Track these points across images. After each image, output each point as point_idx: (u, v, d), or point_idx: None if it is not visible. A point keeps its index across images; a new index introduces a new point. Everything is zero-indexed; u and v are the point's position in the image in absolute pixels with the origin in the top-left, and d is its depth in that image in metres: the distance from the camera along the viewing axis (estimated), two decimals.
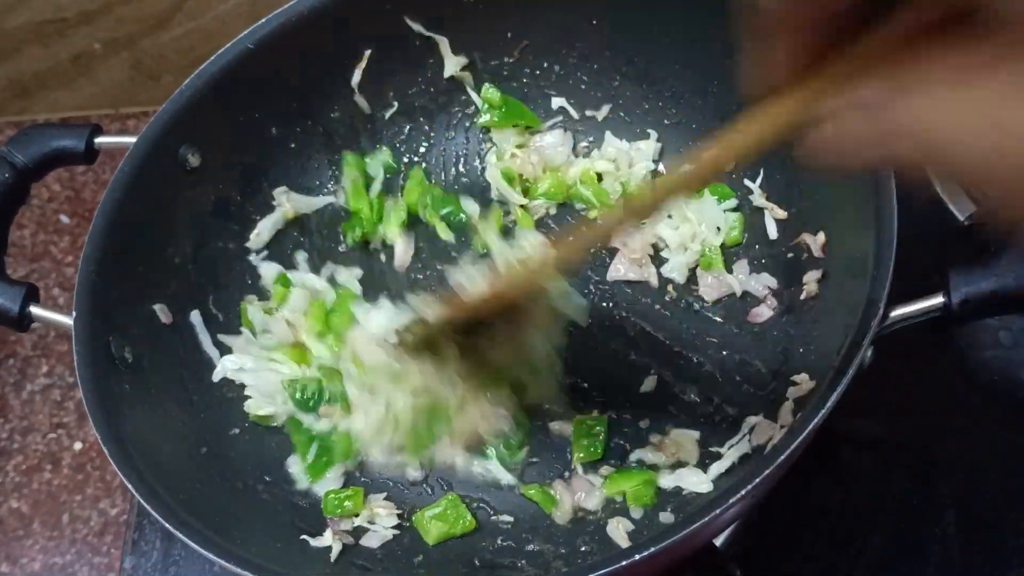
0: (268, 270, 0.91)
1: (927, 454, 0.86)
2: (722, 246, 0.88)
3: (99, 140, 0.83)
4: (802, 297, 0.81)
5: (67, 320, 0.75)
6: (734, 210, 0.89)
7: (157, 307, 0.82)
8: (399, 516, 0.81)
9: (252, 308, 0.88)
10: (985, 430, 0.86)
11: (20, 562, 0.97)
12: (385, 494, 0.82)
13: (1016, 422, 0.85)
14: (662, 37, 0.88)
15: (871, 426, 0.88)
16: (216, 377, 0.85)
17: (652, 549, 0.60)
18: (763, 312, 0.84)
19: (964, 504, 0.83)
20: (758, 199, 0.87)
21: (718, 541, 0.84)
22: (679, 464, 0.80)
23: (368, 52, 0.91)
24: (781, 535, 0.85)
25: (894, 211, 0.67)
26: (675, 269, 0.88)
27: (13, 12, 1.12)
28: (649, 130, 0.93)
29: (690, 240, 0.89)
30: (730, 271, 0.87)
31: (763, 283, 0.85)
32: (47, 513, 1.00)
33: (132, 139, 0.81)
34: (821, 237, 0.81)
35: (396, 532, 0.80)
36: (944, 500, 0.84)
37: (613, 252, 0.90)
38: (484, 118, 0.95)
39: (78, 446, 1.03)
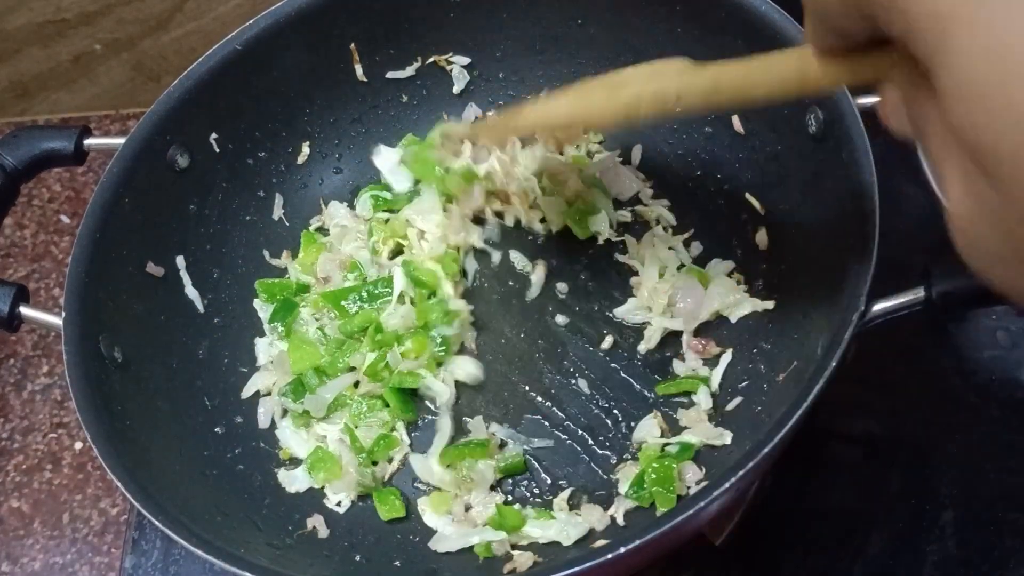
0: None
1: (925, 454, 0.85)
2: None
3: (88, 142, 0.83)
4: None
5: (57, 320, 0.75)
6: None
7: (146, 307, 0.82)
8: None
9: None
10: (983, 430, 0.85)
11: (21, 562, 0.97)
12: None
13: (1014, 421, 0.85)
14: (647, 36, 0.87)
15: (870, 426, 0.87)
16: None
17: (636, 543, 0.60)
18: None
19: (962, 503, 0.82)
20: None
21: (717, 541, 0.83)
22: None
23: (357, 49, 0.91)
24: (781, 535, 0.84)
25: (875, 207, 0.67)
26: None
27: (13, 13, 1.13)
28: None
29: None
30: None
31: None
32: (48, 513, 1.00)
33: (121, 140, 0.81)
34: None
35: None
36: (942, 499, 0.83)
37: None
38: None
39: (78, 446, 1.03)
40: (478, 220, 0.92)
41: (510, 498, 0.80)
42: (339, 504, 0.81)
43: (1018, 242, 0.36)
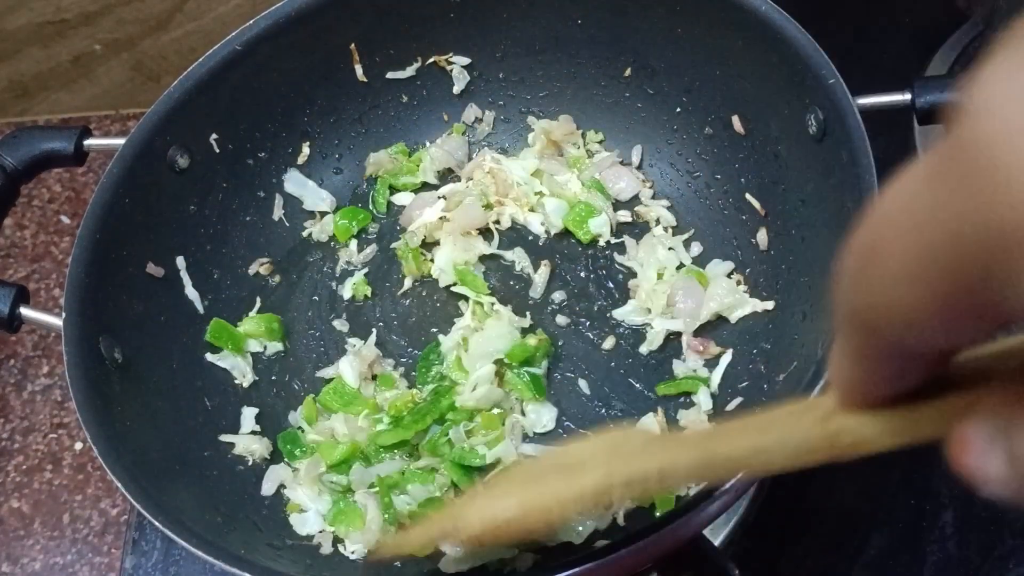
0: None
1: (926, 453, 0.85)
2: None
3: (88, 142, 0.83)
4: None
5: (57, 321, 0.75)
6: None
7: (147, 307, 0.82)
8: None
9: None
10: None
11: (21, 562, 0.98)
12: None
13: None
14: (647, 36, 0.87)
15: None
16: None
17: (636, 543, 0.60)
18: None
19: (963, 504, 0.82)
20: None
21: (717, 541, 0.83)
22: None
23: (357, 49, 0.91)
24: (781, 535, 0.84)
25: None
26: None
27: (13, 13, 1.13)
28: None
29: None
30: None
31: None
32: (48, 513, 1.00)
33: (121, 140, 0.81)
34: None
35: None
36: (942, 499, 0.83)
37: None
38: None
39: (79, 446, 1.03)
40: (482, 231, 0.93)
41: None
42: (353, 553, 0.78)
43: None
